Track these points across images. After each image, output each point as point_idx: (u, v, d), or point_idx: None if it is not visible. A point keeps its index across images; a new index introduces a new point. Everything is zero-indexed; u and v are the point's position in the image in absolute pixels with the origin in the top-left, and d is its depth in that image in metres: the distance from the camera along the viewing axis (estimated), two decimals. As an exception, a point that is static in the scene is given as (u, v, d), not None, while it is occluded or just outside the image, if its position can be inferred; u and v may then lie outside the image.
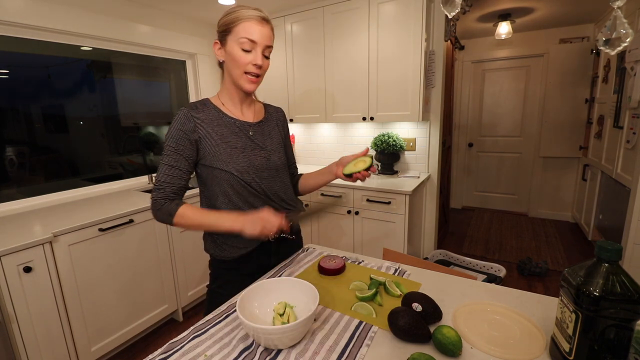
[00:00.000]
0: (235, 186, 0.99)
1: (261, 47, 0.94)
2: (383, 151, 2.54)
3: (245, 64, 0.94)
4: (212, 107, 1.01)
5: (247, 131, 1.04)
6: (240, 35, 0.92)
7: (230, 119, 1.02)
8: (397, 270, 1.04)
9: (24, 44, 1.96)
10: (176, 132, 0.94)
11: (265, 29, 0.94)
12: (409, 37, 2.21)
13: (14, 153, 2.01)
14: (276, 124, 1.14)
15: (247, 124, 1.04)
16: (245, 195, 1.01)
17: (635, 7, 2.34)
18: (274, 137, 1.10)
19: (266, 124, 1.10)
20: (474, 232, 3.61)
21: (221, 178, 0.99)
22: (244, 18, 0.92)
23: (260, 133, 1.07)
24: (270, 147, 1.07)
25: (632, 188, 2.15)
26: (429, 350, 0.68)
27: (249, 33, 0.91)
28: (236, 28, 0.92)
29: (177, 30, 2.67)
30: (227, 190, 1.00)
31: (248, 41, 0.92)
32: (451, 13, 1.13)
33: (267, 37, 0.95)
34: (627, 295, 0.53)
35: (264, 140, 1.07)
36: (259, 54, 0.94)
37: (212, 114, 1.00)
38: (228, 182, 0.99)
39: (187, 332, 0.77)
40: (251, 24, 0.92)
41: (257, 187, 1.02)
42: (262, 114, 1.12)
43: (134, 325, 1.92)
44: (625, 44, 0.88)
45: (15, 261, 1.40)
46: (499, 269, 2.30)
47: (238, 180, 0.99)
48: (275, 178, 1.08)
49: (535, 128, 3.89)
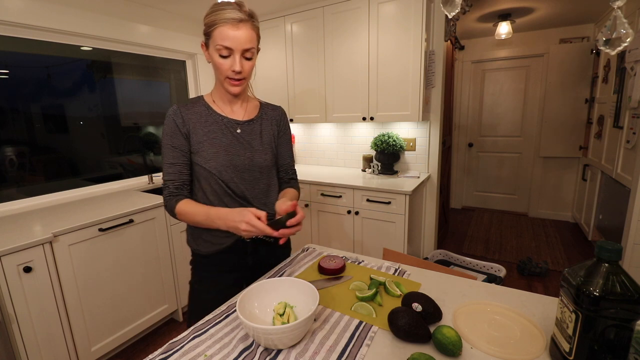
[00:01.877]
0: (213, 184, 1.00)
1: (238, 52, 0.91)
2: (383, 151, 2.54)
3: (224, 70, 0.93)
4: (203, 103, 1.02)
5: (234, 129, 1.02)
6: (216, 42, 0.90)
7: (218, 116, 1.02)
8: (397, 270, 1.04)
9: (24, 44, 1.96)
10: (169, 128, 0.97)
11: (242, 32, 0.90)
12: (409, 37, 2.21)
13: (14, 153, 2.01)
14: (270, 123, 1.10)
15: (235, 122, 1.03)
16: (220, 194, 1.00)
17: (635, 7, 2.34)
18: (264, 136, 1.07)
19: (257, 123, 1.07)
20: (474, 232, 3.61)
21: (200, 174, 1.00)
22: (219, 22, 0.89)
23: (249, 132, 1.05)
24: (257, 147, 1.05)
25: (632, 188, 2.15)
26: (429, 350, 0.68)
27: (224, 40, 0.89)
28: (214, 33, 0.90)
29: (177, 30, 2.67)
30: (204, 187, 1.00)
31: (224, 48, 0.90)
32: (451, 13, 1.13)
33: (245, 41, 0.91)
34: (627, 295, 0.53)
35: (252, 139, 1.04)
36: (237, 60, 0.92)
37: (201, 110, 1.01)
38: (206, 179, 0.99)
39: (187, 332, 0.77)
40: (226, 29, 0.89)
41: (236, 187, 1.01)
42: (255, 112, 1.09)
43: (134, 325, 1.92)
44: (625, 44, 0.88)
45: (15, 261, 1.40)
46: (499, 269, 2.30)
47: (216, 179, 0.99)
48: (259, 180, 1.05)
49: (535, 128, 3.89)
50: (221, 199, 1.01)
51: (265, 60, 2.93)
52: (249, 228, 0.82)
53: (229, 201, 1.01)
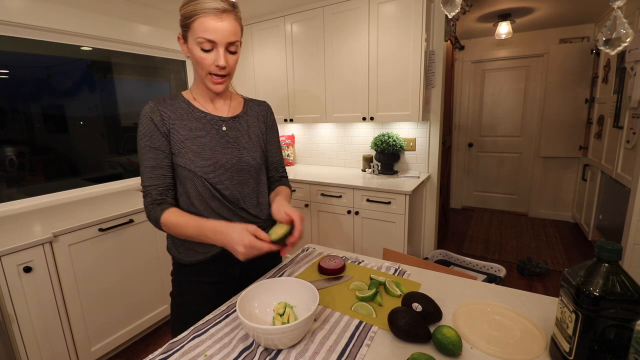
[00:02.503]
0: (199, 187, 0.91)
1: (222, 45, 0.83)
2: (383, 151, 2.54)
3: (207, 65, 0.85)
4: (182, 100, 0.94)
5: (219, 126, 0.94)
6: (197, 35, 0.81)
7: (200, 113, 0.93)
8: (397, 270, 1.04)
9: (24, 44, 1.96)
10: (147, 128, 0.87)
11: (226, 23, 0.82)
12: (409, 37, 2.21)
13: (14, 153, 2.01)
14: (256, 119, 1.03)
15: (220, 119, 0.95)
16: (207, 197, 0.92)
17: (635, 7, 2.34)
18: (252, 133, 1.00)
19: (243, 119, 1.00)
20: (474, 232, 3.61)
21: (184, 177, 0.90)
22: (200, 12, 0.80)
23: (235, 129, 0.97)
24: (245, 145, 0.97)
25: (632, 188, 2.15)
26: (429, 350, 0.68)
27: (206, 32, 0.81)
28: (193, 25, 0.82)
29: (177, 30, 2.65)
30: (189, 190, 0.91)
31: (206, 41, 0.82)
32: (451, 13, 1.13)
33: (229, 33, 0.83)
34: (627, 295, 0.53)
35: (239, 137, 0.97)
36: (221, 54, 0.84)
37: (181, 108, 0.92)
38: (191, 182, 0.90)
39: (187, 332, 0.77)
40: (207, 20, 0.80)
41: (225, 189, 0.93)
42: (239, 109, 1.01)
43: (134, 325, 1.92)
44: (625, 44, 0.88)
45: (15, 261, 1.40)
46: (499, 269, 2.29)
47: (202, 181, 0.90)
48: (249, 180, 0.97)
49: (535, 128, 3.89)
50: (207, 204, 0.92)
51: (265, 60, 2.93)
52: (248, 251, 0.75)
53: (216, 205, 0.93)
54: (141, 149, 0.88)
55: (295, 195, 2.62)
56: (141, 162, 0.89)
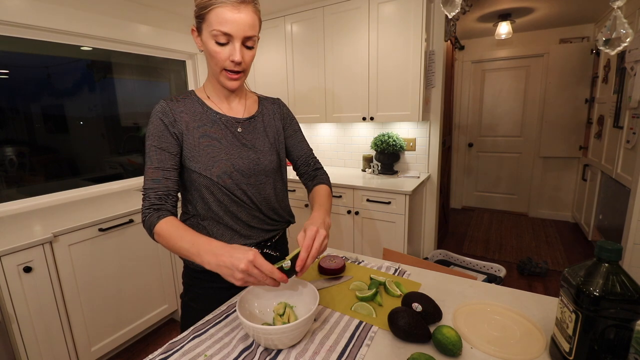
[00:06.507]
0: (216, 193, 0.87)
1: (239, 39, 0.79)
2: (383, 151, 2.54)
3: (221, 60, 0.80)
4: (196, 99, 0.89)
5: (234, 128, 0.90)
6: (213, 27, 0.77)
7: (214, 114, 0.89)
8: (397, 270, 1.04)
9: (24, 44, 1.96)
10: (156, 128, 0.83)
11: (243, 15, 0.77)
12: (408, 37, 2.21)
13: (14, 153, 2.01)
14: (272, 118, 0.99)
15: (235, 120, 0.91)
16: (226, 204, 0.88)
17: (635, 7, 2.34)
18: (269, 134, 0.96)
19: (259, 119, 0.96)
20: (474, 232, 3.61)
21: (199, 183, 0.86)
22: (216, 3, 0.76)
23: (251, 131, 0.93)
24: (262, 148, 0.93)
25: (632, 188, 2.15)
26: (429, 350, 0.68)
27: (222, 24, 0.76)
28: (209, 16, 0.77)
29: (177, 30, 2.67)
30: (205, 197, 0.87)
31: (222, 34, 0.77)
32: (451, 13, 1.13)
33: (247, 26, 0.78)
34: (627, 295, 0.53)
35: (255, 139, 0.93)
36: (237, 48, 0.79)
37: (194, 108, 0.88)
38: (207, 188, 0.87)
39: (187, 332, 0.77)
40: (224, 11, 0.75)
41: (242, 195, 0.89)
42: (255, 108, 0.97)
43: (134, 325, 1.92)
44: (625, 44, 0.88)
45: (15, 261, 1.40)
46: (499, 269, 2.30)
47: (219, 187, 0.87)
48: (266, 184, 0.94)
49: (535, 128, 3.89)
50: (227, 209, 0.89)
51: (265, 60, 2.93)
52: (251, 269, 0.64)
53: (237, 209, 0.90)
54: (147, 149, 0.84)
55: (295, 195, 2.63)
56: (145, 163, 0.85)
